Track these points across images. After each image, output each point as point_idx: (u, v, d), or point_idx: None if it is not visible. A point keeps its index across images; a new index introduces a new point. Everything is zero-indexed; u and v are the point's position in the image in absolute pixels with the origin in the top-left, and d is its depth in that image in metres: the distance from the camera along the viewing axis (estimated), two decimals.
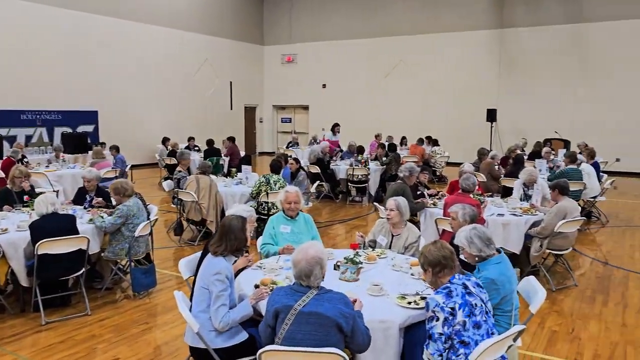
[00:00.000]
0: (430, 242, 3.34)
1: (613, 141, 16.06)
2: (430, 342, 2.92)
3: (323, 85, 21.54)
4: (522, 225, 6.26)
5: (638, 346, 4.62)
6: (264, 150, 23.19)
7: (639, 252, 7.66)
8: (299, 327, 2.77)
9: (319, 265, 2.85)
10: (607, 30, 16.15)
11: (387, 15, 19.71)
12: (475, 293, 3.02)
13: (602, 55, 16.33)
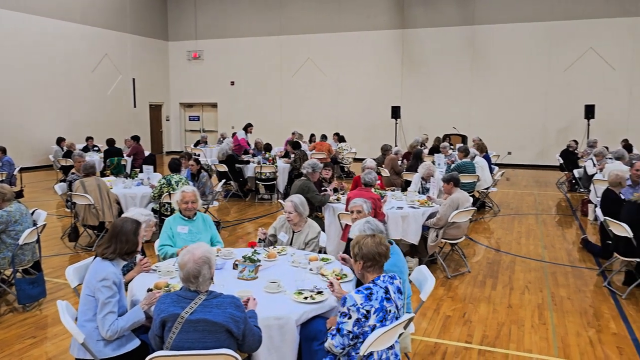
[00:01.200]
0: (366, 234, 3.29)
1: (505, 135, 17.31)
2: (337, 335, 2.94)
3: (231, 83, 21.24)
4: (420, 217, 6.55)
5: (521, 325, 5.01)
6: (172, 149, 22.47)
7: (525, 238, 8.31)
8: (187, 335, 2.69)
9: (207, 265, 2.79)
10: (495, 32, 17.33)
11: (293, 13, 19.81)
12: (393, 299, 3.06)
13: (492, 56, 17.51)
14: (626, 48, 16.11)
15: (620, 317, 5.19)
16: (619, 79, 16.27)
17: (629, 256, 5.68)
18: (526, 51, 17.10)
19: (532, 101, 17.24)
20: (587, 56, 16.47)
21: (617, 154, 9.61)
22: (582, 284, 6.17)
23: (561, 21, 16.60)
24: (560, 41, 16.70)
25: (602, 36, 16.26)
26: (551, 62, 16.89)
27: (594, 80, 16.44)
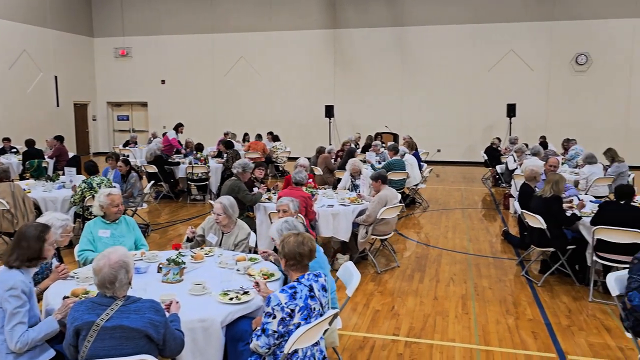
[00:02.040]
0: (293, 232, 3.30)
1: (435, 134, 17.90)
2: (262, 336, 2.94)
3: (162, 81, 20.65)
4: (350, 215, 6.66)
5: (445, 316, 5.21)
6: (100, 150, 21.53)
7: (451, 232, 8.64)
8: (102, 343, 2.59)
9: (124, 269, 2.70)
10: (424, 33, 17.89)
11: (225, 11, 19.54)
12: (317, 297, 3.09)
13: (421, 56, 18.06)
14: (543, 50, 17.10)
15: (536, 304, 5.51)
16: (538, 80, 17.25)
17: (543, 246, 6.04)
18: (453, 52, 17.77)
19: (459, 100, 17.94)
20: (508, 57, 17.33)
21: (533, 150, 10.19)
22: (502, 274, 6.49)
23: (484, 24, 17.37)
24: (483, 43, 17.47)
25: (521, 39, 17.17)
26: (476, 63, 17.64)
27: (515, 81, 17.33)
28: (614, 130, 16.48)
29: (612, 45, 16.52)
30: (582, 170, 9.42)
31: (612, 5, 16.32)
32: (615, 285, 3.84)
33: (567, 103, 17.05)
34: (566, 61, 16.97)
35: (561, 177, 6.03)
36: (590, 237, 5.58)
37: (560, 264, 6.02)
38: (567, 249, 5.96)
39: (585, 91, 16.86)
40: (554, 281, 6.16)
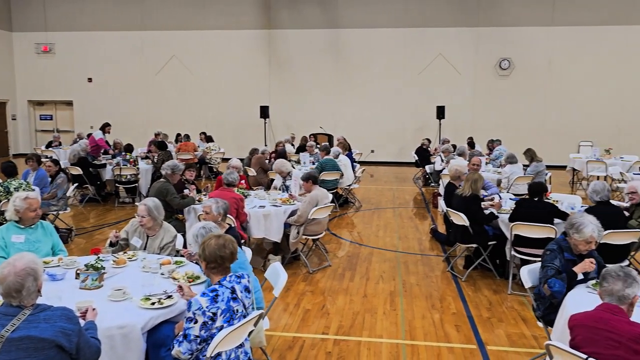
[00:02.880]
0: (214, 234, 3.26)
1: (369, 134, 18.25)
2: (184, 341, 2.88)
3: (89, 79, 19.76)
4: (282, 215, 6.66)
5: (374, 313, 5.32)
6: (20, 151, 20.29)
7: (382, 231, 8.84)
8: (8, 355, 2.43)
9: (32, 277, 2.56)
10: (357, 36, 18.19)
11: (155, 7, 18.98)
12: (240, 298, 3.06)
13: (355, 58, 18.35)
14: (470, 55, 17.85)
15: (460, 298, 5.75)
16: (465, 83, 17.98)
17: (466, 243, 6.31)
18: (385, 55, 18.18)
19: (391, 102, 18.37)
20: (437, 61, 17.95)
21: (459, 150, 10.62)
22: (429, 270, 6.71)
23: (415, 28, 17.90)
24: (414, 47, 18.00)
25: (449, 44, 17.83)
26: (407, 66, 18.14)
27: (444, 84, 17.97)
28: (534, 131, 17.45)
29: (532, 52, 17.49)
30: (504, 169, 9.92)
31: (530, 14, 17.27)
32: (527, 277, 4.07)
33: (493, 105, 17.88)
34: (491, 66, 17.80)
35: (479, 176, 6.32)
36: (509, 232, 5.89)
37: (482, 259, 6.31)
38: (489, 244, 6.25)
39: (508, 94, 17.75)
40: (477, 276, 6.44)
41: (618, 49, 17.02)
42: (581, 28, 17.09)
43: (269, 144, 16.98)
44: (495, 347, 4.58)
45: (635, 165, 12.28)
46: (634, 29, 16.82)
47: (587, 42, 17.11)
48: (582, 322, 2.90)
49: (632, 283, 2.85)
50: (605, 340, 2.72)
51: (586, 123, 17.18)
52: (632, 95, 17.10)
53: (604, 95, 17.25)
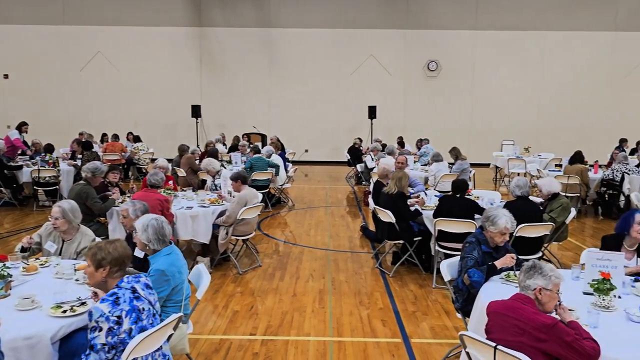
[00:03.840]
0: (107, 240, 3.15)
1: (303, 134, 18.31)
2: (92, 353, 2.74)
3: (5, 76, 18.52)
4: (210, 216, 6.54)
5: (303, 311, 5.33)
6: None
7: (314, 229, 8.88)
8: None
9: None
10: (290, 35, 18.20)
11: (80, 1, 18.09)
12: (143, 296, 2.96)
13: (288, 58, 18.35)
14: (399, 56, 18.30)
15: (387, 293, 5.88)
16: (395, 84, 18.42)
17: (393, 239, 6.47)
18: (318, 55, 18.30)
19: (325, 102, 18.52)
20: (368, 62, 18.28)
21: (388, 149, 10.88)
22: (359, 267, 6.82)
23: (346, 29, 18.13)
24: (345, 47, 18.23)
25: (380, 45, 18.21)
26: (339, 66, 18.35)
27: (375, 84, 18.33)
28: (461, 130, 18.17)
29: (457, 54, 18.19)
30: (430, 167, 10.26)
31: (455, 18, 17.95)
32: (447, 271, 4.22)
33: (422, 105, 18.43)
34: (419, 67, 18.34)
35: (405, 174, 6.50)
36: (433, 228, 6.09)
37: (409, 254, 6.48)
38: (414, 240, 6.43)
39: (436, 95, 18.37)
40: (404, 271, 6.61)
41: (537, 53, 18.03)
42: (503, 32, 17.96)
43: (201, 144, 16.66)
44: (419, 340, 4.71)
45: (551, 163, 13.05)
46: (552, 35, 17.87)
47: (508, 46, 18.00)
48: (496, 310, 3.04)
49: (533, 274, 3.00)
50: (512, 327, 2.87)
51: (508, 123, 18.08)
52: (549, 97, 18.17)
53: (524, 97, 18.23)
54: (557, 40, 17.89)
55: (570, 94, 18.11)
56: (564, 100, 18.13)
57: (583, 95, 18.11)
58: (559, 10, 17.76)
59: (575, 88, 18.09)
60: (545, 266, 3.04)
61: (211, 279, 6.09)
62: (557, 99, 18.16)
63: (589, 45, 17.91)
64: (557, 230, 6.17)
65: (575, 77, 18.06)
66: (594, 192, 9.97)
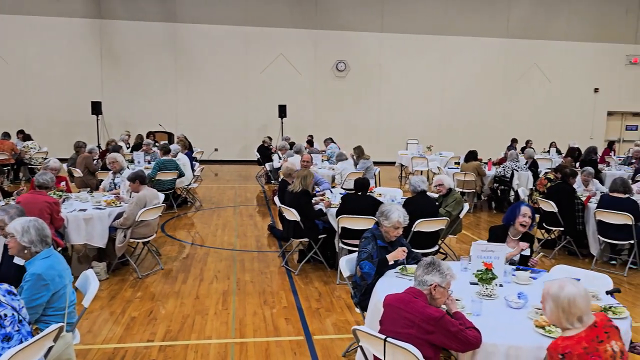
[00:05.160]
0: None
1: (212, 132, 17.94)
2: None
3: None
4: (106, 219, 6.19)
5: (205, 314, 5.20)
6: None
7: (221, 230, 8.71)
8: None
9: None
10: (197, 31, 17.73)
11: None
12: (5, 302, 2.75)
13: (195, 54, 17.87)
14: (309, 56, 18.47)
15: (292, 291, 5.89)
16: (305, 83, 18.56)
17: (298, 237, 6.50)
18: (227, 52, 17.99)
19: (235, 100, 18.26)
20: (278, 61, 18.26)
21: (295, 148, 10.93)
22: (265, 266, 6.77)
23: (256, 27, 17.99)
24: (255, 45, 18.08)
25: (289, 44, 18.25)
26: (249, 65, 18.17)
27: (285, 83, 18.35)
28: (369, 129, 18.68)
29: (365, 55, 18.68)
30: (337, 166, 10.44)
31: (362, 20, 18.43)
32: (346, 267, 4.29)
33: (331, 105, 18.72)
34: (328, 67, 18.62)
35: (309, 172, 6.55)
36: (336, 225, 6.18)
37: (314, 252, 6.54)
38: (319, 238, 6.50)
39: (345, 95, 18.73)
40: (309, 269, 6.66)
41: (439, 56, 18.95)
42: (407, 36, 18.69)
43: (102, 143, 15.79)
44: (321, 337, 4.76)
45: (451, 161, 13.78)
46: (452, 39, 18.86)
47: (413, 49, 18.76)
48: (390, 302, 3.13)
49: (431, 271, 3.09)
50: (403, 320, 2.96)
51: (413, 122, 18.84)
52: (450, 98, 19.18)
53: (428, 98, 19.11)
54: (456, 45, 18.92)
55: (469, 96, 19.25)
56: (463, 102, 19.24)
57: (480, 97, 19.33)
58: (458, 16, 18.80)
59: (473, 90, 19.25)
60: (443, 264, 3.13)
61: (108, 284, 5.87)
62: (457, 100, 19.22)
63: (485, 50, 19.14)
64: (452, 223, 6.50)
65: (473, 80, 19.21)
66: (488, 188, 10.65)
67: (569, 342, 2.50)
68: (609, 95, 20.18)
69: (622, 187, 6.67)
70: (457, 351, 2.97)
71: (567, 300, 2.54)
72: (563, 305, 2.55)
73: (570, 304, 2.53)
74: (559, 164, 8.57)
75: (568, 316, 2.55)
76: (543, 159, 13.19)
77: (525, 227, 4.50)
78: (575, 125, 19.68)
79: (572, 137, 16.84)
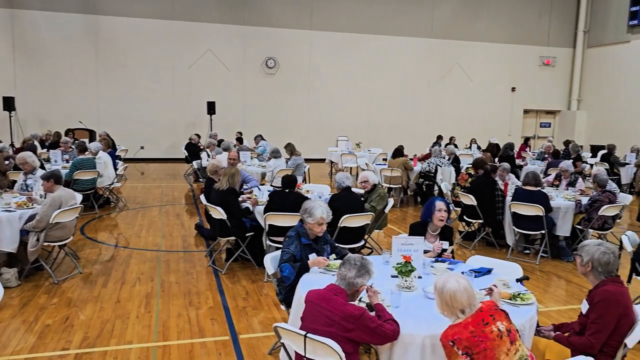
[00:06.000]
0: None
1: (138, 130, 17.31)
2: None
3: None
4: (16, 221, 5.81)
5: (126, 318, 5.00)
6: None
7: (146, 230, 8.42)
8: None
9: None
10: (121, 24, 17.02)
11: None
12: None
13: (119, 49, 17.15)
14: (238, 52, 18.23)
15: (218, 291, 5.80)
16: (234, 80, 18.31)
17: (225, 236, 6.40)
18: (153, 47, 17.38)
19: (162, 96, 17.70)
20: (206, 57, 17.88)
21: (223, 145, 10.77)
22: (191, 266, 6.62)
23: (183, 21, 17.51)
24: (183, 40, 17.61)
25: (218, 39, 17.92)
26: (176, 60, 17.67)
27: (214, 79, 18.02)
28: (299, 127, 18.74)
29: (295, 53, 18.70)
30: (269, 163, 10.38)
31: (292, 17, 18.44)
32: (270, 264, 4.27)
33: (262, 102, 18.59)
34: (258, 64, 18.47)
35: (237, 170, 6.47)
36: (264, 223, 6.14)
37: (241, 250, 6.47)
38: (247, 236, 6.44)
39: (275, 92, 18.67)
40: (237, 267, 6.58)
41: (368, 55, 19.31)
42: (337, 34, 18.89)
43: (16, 141, 14.84)
44: (247, 335, 4.71)
45: (379, 157, 14.11)
46: (381, 39, 19.28)
47: (342, 47, 18.99)
48: (311, 299, 3.13)
49: (363, 274, 3.14)
50: (323, 317, 2.98)
51: (343, 120, 19.11)
52: (379, 96, 19.61)
53: (358, 96, 19.42)
54: (384, 44, 19.36)
55: (397, 94, 19.78)
56: (391, 99, 19.74)
57: (407, 95, 19.91)
58: (385, 16, 19.24)
59: (400, 88, 19.79)
60: (370, 264, 3.21)
61: (20, 291, 5.53)
62: (385, 97, 19.68)
63: (411, 50, 19.72)
64: (377, 218, 6.65)
65: (400, 78, 19.75)
66: (414, 183, 10.98)
67: (457, 329, 2.69)
68: (525, 94, 21.43)
69: (534, 180, 7.10)
70: (376, 344, 3.03)
71: (449, 295, 2.75)
72: (446, 300, 2.76)
73: (452, 299, 2.74)
74: (475, 159, 8.99)
75: (451, 309, 2.77)
76: (465, 154, 13.79)
77: (443, 221, 4.67)
78: (495, 123, 20.73)
79: (492, 134, 17.71)
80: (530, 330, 3.27)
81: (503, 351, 2.66)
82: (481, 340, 2.63)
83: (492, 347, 2.64)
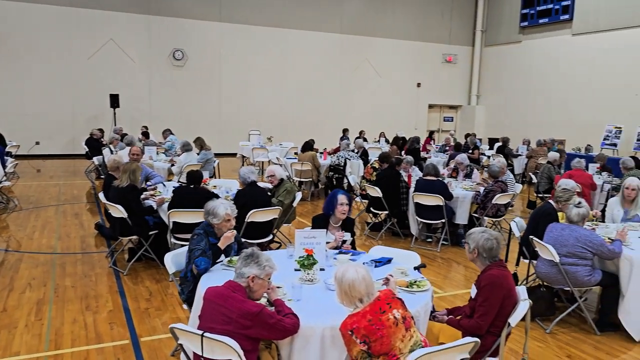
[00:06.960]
0: None
1: (33, 125, 16.09)
2: None
3: None
4: None
5: (13, 328, 4.61)
6: None
7: (39, 232, 7.84)
8: None
9: None
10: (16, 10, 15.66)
11: None
12: None
13: (8, 36, 15.76)
14: (143, 43, 17.43)
15: (119, 293, 5.52)
16: (140, 72, 17.49)
17: (126, 235, 6.11)
18: (48, 35, 16.15)
19: (60, 89, 16.51)
20: (108, 47, 16.93)
21: (127, 140, 10.27)
22: (90, 269, 6.26)
23: (81, 9, 16.42)
24: (81, 29, 16.52)
25: (121, 29, 17.02)
26: (74, 50, 16.55)
27: (117, 71, 17.11)
28: (209, 120, 18.32)
29: (204, 44, 18.22)
30: (180, 157, 10.04)
31: (200, 8, 17.93)
32: (171, 263, 4.14)
33: (169, 95, 17.93)
34: (165, 55, 17.78)
35: (138, 166, 6.20)
36: (168, 220, 5.93)
37: (145, 249, 6.21)
38: (150, 234, 6.19)
39: (183, 85, 18.08)
40: (140, 267, 6.31)
41: (280, 48, 19.24)
42: (247, 27, 18.62)
43: None
44: (149, 338, 4.53)
45: (291, 151, 14.13)
46: (292, 33, 19.27)
47: (253, 40, 18.76)
48: (208, 297, 3.05)
49: (249, 263, 3.07)
50: (220, 315, 2.91)
51: (254, 113, 18.92)
52: (291, 90, 19.63)
53: (269, 89, 19.31)
54: (295, 38, 19.40)
55: (308, 88, 19.91)
56: (303, 93, 19.85)
57: (318, 89, 20.11)
58: (296, 10, 19.28)
59: (312, 82, 19.95)
60: (262, 256, 3.13)
61: None
62: (297, 91, 19.76)
63: (322, 45, 19.93)
64: (285, 212, 6.65)
65: (311, 72, 19.91)
66: (324, 177, 11.12)
67: (356, 318, 2.75)
68: (430, 89, 22.43)
69: (433, 170, 7.46)
70: (276, 339, 3.02)
71: (347, 285, 2.80)
72: (345, 289, 2.82)
73: (351, 288, 2.80)
74: (380, 153, 9.29)
75: (350, 298, 2.82)
76: (373, 147, 14.18)
77: (345, 214, 4.76)
78: (402, 117, 21.53)
79: (399, 128, 18.37)
80: (425, 316, 3.41)
81: (399, 338, 2.75)
82: (378, 328, 2.71)
83: (389, 335, 2.72)
